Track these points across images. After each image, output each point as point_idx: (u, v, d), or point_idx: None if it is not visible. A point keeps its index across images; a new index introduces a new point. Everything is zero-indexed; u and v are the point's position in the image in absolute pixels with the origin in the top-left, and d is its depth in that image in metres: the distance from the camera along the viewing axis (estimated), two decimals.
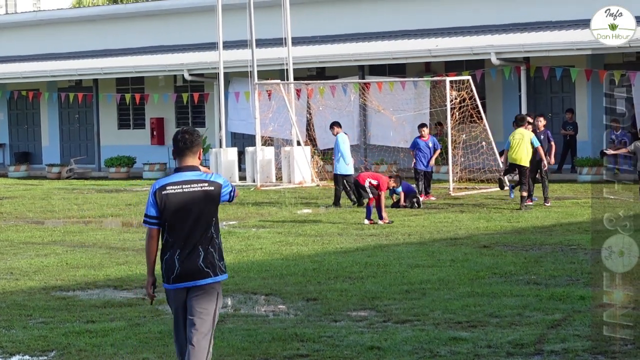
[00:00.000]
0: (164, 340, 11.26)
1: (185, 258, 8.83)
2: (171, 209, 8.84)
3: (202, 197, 8.86)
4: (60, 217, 25.46)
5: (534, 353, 10.24)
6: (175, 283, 8.90)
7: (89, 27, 45.07)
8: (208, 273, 8.81)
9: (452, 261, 16.19)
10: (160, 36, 42.58)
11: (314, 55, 36.04)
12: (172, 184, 8.88)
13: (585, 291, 13.34)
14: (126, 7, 48.51)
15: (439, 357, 10.13)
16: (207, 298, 8.85)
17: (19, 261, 17.78)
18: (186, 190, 8.84)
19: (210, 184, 8.88)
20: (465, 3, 35.98)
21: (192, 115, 41.51)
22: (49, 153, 45.07)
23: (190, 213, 8.84)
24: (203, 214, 8.86)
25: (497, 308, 12.42)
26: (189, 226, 8.84)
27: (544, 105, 34.37)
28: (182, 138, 8.94)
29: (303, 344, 10.90)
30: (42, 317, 12.83)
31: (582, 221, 21.03)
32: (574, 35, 32.16)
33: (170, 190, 8.85)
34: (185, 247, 8.84)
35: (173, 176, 8.97)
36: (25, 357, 10.81)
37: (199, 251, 8.83)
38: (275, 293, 13.96)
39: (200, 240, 8.85)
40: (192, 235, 8.85)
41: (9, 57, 46.31)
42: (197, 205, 8.85)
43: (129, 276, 15.78)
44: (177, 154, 9.02)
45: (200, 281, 8.82)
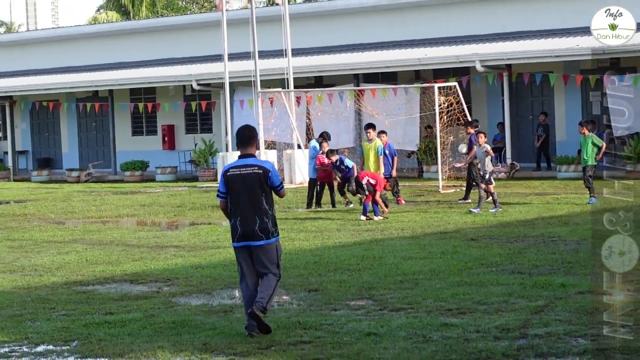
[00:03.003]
0: (177, 329, 11.25)
1: (244, 224, 10.77)
2: (232, 186, 10.83)
3: (254, 178, 10.75)
4: (79, 217, 25.47)
5: (519, 337, 10.23)
6: (238, 242, 10.85)
7: (104, 42, 45.11)
8: (262, 237, 10.73)
9: (442, 253, 16.18)
10: (170, 49, 42.62)
11: (312, 65, 36.05)
12: (234, 167, 10.90)
13: (566, 279, 13.34)
14: (138, 23, 48.60)
15: (431, 342, 10.12)
16: (266, 254, 10.79)
17: (42, 258, 17.79)
18: (243, 172, 10.79)
19: (259, 168, 10.79)
20: (452, 15, 36.03)
21: (201, 122, 41.50)
22: (68, 158, 45.08)
23: (245, 189, 10.78)
24: (255, 190, 10.77)
25: (485, 296, 12.41)
26: (245, 199, 10.79)
27: (525, 109, 34.42)
28: (243, 133, 10.92)
29: (306, 331, 10.89)
30: (64, 309, 12.83)
31: (562, 215, 21.04)
32: (552, 43, 32.23)
33: (232, 172, 10.86)
34: (243, 215, 10.78)
35: (236, 162, 10.95)
36: (49, 347, 10.80)
37: (254, 219, 10.74)
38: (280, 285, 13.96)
39: (255, 211, 10.76)
40: (248, 207, 10.78)
41: (31, 71, 46.33)
42: (250, 183, 10.76)
43: (144, 271, 15.79)
44: (239, 145, 11.00)
45: (256, 242, 10.74)
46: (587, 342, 9.87)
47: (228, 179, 10.88)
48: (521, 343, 9.95)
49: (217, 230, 21.04)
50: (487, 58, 32.34)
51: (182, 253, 17.79)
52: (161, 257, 17.41)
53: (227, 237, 19.74)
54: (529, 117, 34.38)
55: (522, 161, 33.01)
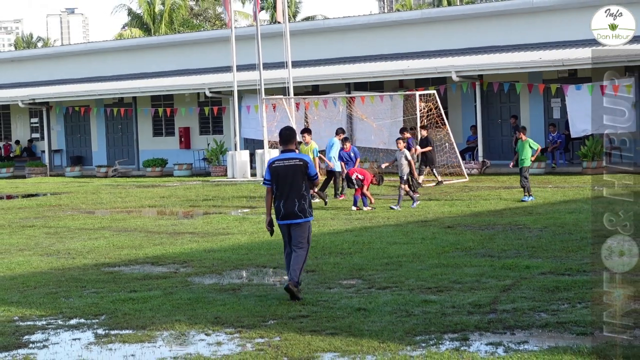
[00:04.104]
0: (192, 305, 11.26)
1: (286, 205, 11.43)
2: (277, 175, 11.50)
3: (295, 168, 11.47)
4: (107, 207, 25.45)
5: (489, 312, 10.23)
6: (281, 220, 11.50)
7: (128, 55, 45.09)
8: (300, 216, 11.43)
9: (422, 239, 16.18)
10: (186, 61, 42.60)
11: (309, 75, 36.03)
12: (279, 160, 11.60)
13: (530, 262, 13.35)
14: (158, 38, 48.57)
15: (413, 316, 10.13)
16: (301, 230, 11.47)
17: (74, 243, 17.78)
18: (286, 164, 11.50)
19: (300, 161, 11.51)
20: (431, 32, 36.07)
21: (213, 125, 41.46)
22: (97, 156, 45.05)
23: (287, 177, 11.46)
24: (296, 178, 11.47)
25: (459, 276, 12.42)
26: (287, 185, 11.44)
27: (495, 114, 34.40)
28: (285, 133, 11.72)
29: (304, 306, 10.89)
30: (94, 288, 12.83)
31: (526, 206, 21.05)
32: (518, 57, 32.23)
33: (277, 164, 11.54)
34: (285, 198, 11.44)
35: (280, 155, 11.72)
36: (81, 320, 10.80)
37: (294, 201, 11.42)
38: (281, 266, 13.95)
39: (295, 195, 11.43)
40: (289, 191, 11.44)
41: (65, 80, 46.31)
42: (291, 173, 11.47)
43: (164, 254, 15.79)
44: (282, 142, 11.71)
45: (295, 220, 11.44)
46: (549, 316, 9.88)
47: (274, 169, 11.53)
48: (491, 317, 9.96)
49: (227, 219, 21.03)
50: (461, 69, 32.32)
51: (196, 239, 17.78)
52: (178, 242, 17.40)
53: (235, 225, 19.77)
54: (498, 120, 34.38)
55: (492, 159, 33.01)
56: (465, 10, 37.20)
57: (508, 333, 9.28)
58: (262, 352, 8.95)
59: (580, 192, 23.57)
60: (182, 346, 9.38)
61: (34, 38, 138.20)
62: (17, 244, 18.03)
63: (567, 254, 13.94)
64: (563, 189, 24.69)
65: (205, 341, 9.53)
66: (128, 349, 9.37)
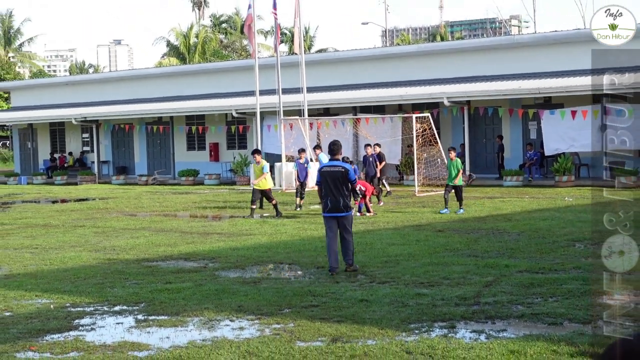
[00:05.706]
0: (218, 295, 11.27)
1: (332, 202, 12.55)
2: (325, 178, 12.61)
3: (340, 173, 12.56)
4: (147, 211, 25.51)
5: (473, 304, 10.22)
6: (327, 213, 12.66)
7: (166, 80, 45.22)
8: (343, 210, 12.57)
9: (417, 241, 16.18)
10: (216, 86, 42.72)
11: (321, 99, 36.08)
12: (327, 166, 12.71)
13: (509, 261, 13.33)
14: (192, 66, 48.73)
15: (408, 307, 10.13)
16: (347, 221, 12.62)
17: (119, 241, 17.83)
18: (332, 170, 12.62)
19: (342, 168, 12.60)
20: (426, 63, 36.12)
21: (238, 141, 41.52)
22: (139, 167, 45.14)
23: (333, 180, 12.53)
24: (339, 181, 12.54)
25: (448, 273, 12.41)
26: (332, 186, 12.54)
27: (481, 134, 34.40)
28: (333, 146, 12.84)
29: (315, 297, 10.90)
30: (135, 279, 12.87)
31: (506, 213, 21.01)
32: (501, 85, 32.24)
33: (325, 169, 12.68)
34: (332, 196, 12.56)
35: (328, 162, 12.78)
36: (123, 307, 10.83)
37: (339, 199, 12.54)
38: (295, 263, 13.98)
39: (339, 194, 12.54)
40: (334, 191, 12.54)
41: (112, 101, 46.47)
42: (336, 177, 12.54)
43: (195, 251, 15.82)
44: (330, 152, 12.83)
45: (340, 214, 12.57)
46: (525, 309, 9.86)
47: (322, 173, 12.68)
48: (475, 308, 9.95)
49: (250, 222, 21.04)
50: (452, 95, 32.33)
51: (223, 238, 17.81)
52: (208, 241, 17.43)
53: (257, 227, 19.78)
54: (483, 140, 34.39)
55: (477, 173, 32.97)
56: (455, 45, 37.33)
57: (489, 322, 9.26)
58: (279, 336, 8.96)
59: (553, 202, 23.52)
60: (210, 330, 9.40)
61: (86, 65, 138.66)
62: (70, 241, 18.09)
63: (541, 255, 13.92)
64: (538, 199, 24.64)
65: (230, 326, 9.54)
66: (163, 332, 9.39)
